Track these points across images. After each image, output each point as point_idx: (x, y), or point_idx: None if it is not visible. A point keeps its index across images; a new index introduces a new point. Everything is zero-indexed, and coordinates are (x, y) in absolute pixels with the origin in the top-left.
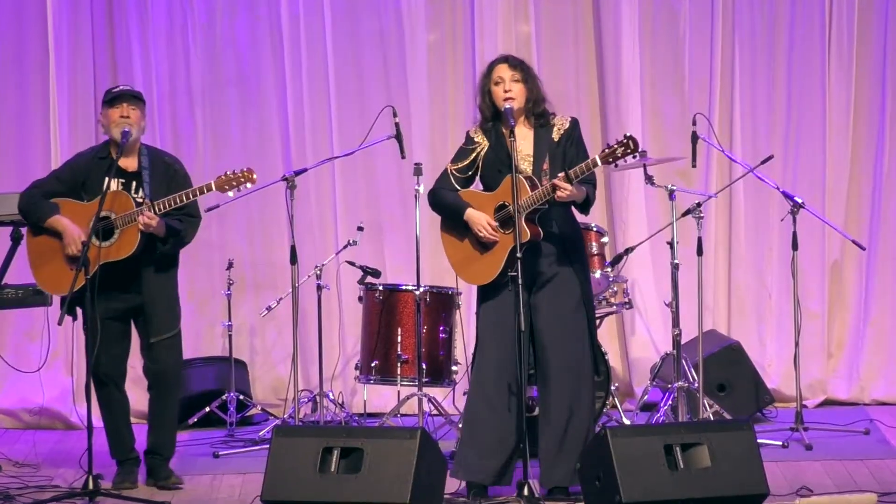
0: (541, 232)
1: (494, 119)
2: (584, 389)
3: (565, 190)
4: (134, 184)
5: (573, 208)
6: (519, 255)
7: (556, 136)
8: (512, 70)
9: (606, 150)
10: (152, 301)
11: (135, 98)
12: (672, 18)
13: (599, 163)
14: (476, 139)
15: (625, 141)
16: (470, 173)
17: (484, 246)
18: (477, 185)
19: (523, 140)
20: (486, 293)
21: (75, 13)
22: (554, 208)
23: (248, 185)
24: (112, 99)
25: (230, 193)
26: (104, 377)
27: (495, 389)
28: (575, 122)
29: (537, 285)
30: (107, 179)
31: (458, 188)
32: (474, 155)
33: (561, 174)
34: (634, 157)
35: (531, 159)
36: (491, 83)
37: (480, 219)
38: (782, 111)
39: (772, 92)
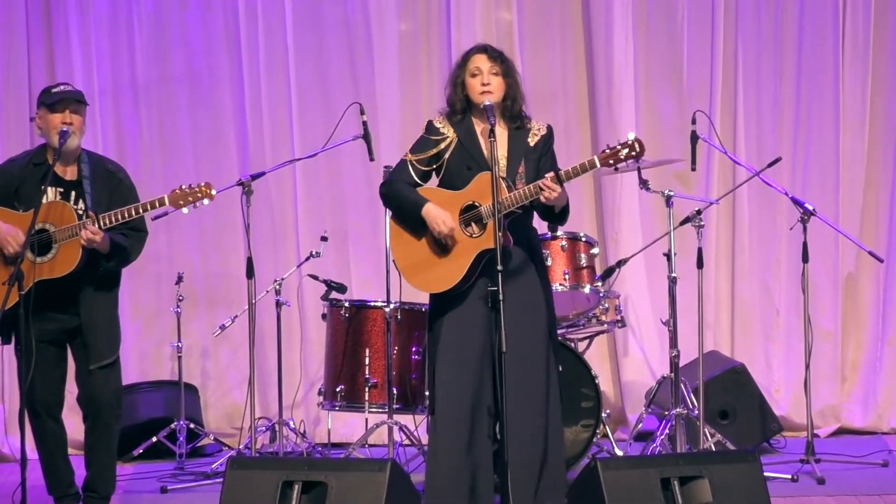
0: (511, 239)
1: (464, 112)
2: (557, 415)
3: (554, 191)
4: (73, 194)
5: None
6: (500, 267)
7: (531, 140)
8: (491, 62)
9: (608, 151)
10: (91, 323)
11: (78, 102)
12: (669, 6)
13: (598, 164)
14: (442, 130)
15: (630, 143)
16: (432, 167)
17: (443, 250)
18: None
19: (497, 140)
20: (443, 305)
21: (8, 1)
22: (522, 215)
23: (206, 201)
24: (54, 102)
25: (184, 210)
26: (39, 406)
27: (463, 420)
28: (552, 131)
29: (503, 299)
30: (42, 188)
31: (418, 182)
32: (439, 148)
33: (549, 174)
34: (638, 162)
35: (506, 161)
36: (466, 74)
37: (440, 215)
38: (791, 108)
39: (779, 87)
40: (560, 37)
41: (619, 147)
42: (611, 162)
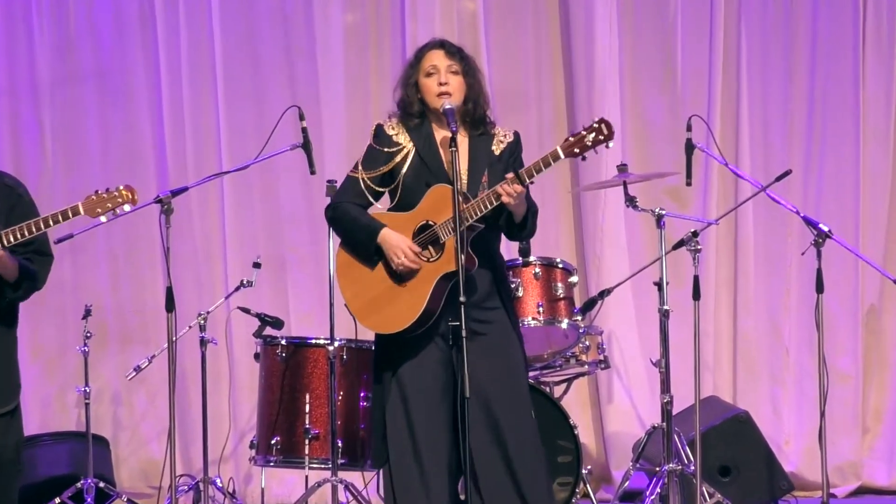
0: (476, 261)
1: (421, 116)
2: (542, 472)
3: (514, 192)
4: None
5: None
6: (462, 298)
7: (496, 148)
8: (449, 59)
9: (571, 139)
10: None
11: None
12: None
13: (562, 154)
14: (396, 138)
15: (596, 125)
16: (386, 188)
17: (400, 279)
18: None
19: (458, 149)
20: (392, 346)
21: None
22: (487, 234)
23: (128, 207)
24: None
25: (103, 219)
26: None
27: (421, 481)
28: (519, 138)
29: (468, 333)
30: None
31: (373, 202)
32: (396, 163)
33: (509, 174)
34: (607, 146)
35: (467, 174)
36: (421, 73)
37: (399, 242)
38: (802, 113)
39: (789, 88)
40: (533, 29)
41: (583, 133)
42: (576, 150)
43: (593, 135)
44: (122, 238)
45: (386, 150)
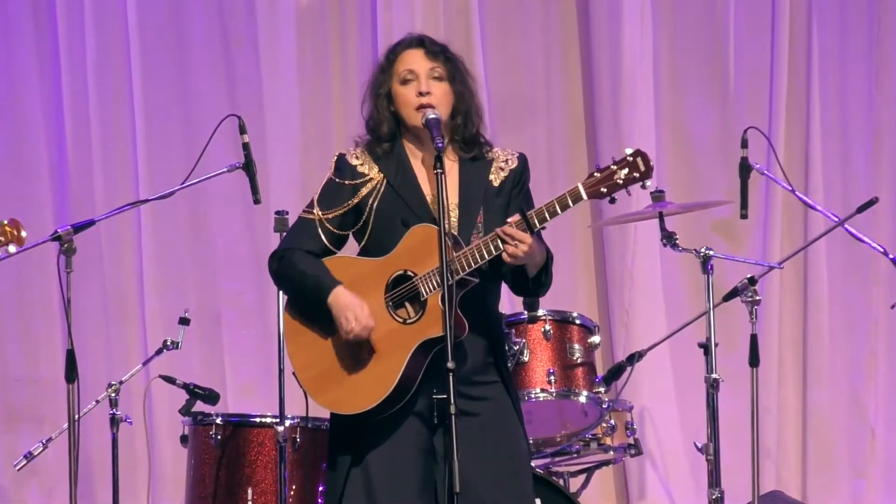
0: (466, 325)
1: (393, 139)
2: None
3: (521, 244)
4: None
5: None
6: (451, 364)
7: (495, 177)
8: (431, 60)
9: (598, 175)
10: None
11: None
12: None
13: (584, 195)
14: (361, 169)
15: (630, 159)
16: (348, 231)
17: (365, 348)
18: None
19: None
20: (354, 428)
21: None
22: (481, 288)
23: (12, 247)
24: None
25: None
26: None
27: None
28: (525, 163)
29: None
30: None
31: (330, 248)
32: (361, 197)
33: (513, 217)
34: (644, 186)
35: (457, 209)
36: (395, 80)
37: (351, 305)
38: (889, 128)
39: (873, 94)
40: (542, 17)
41: (613, 168)
42: (603, 190)
43: (626, 171)
44: (10, 286)
45: (347, 182)
